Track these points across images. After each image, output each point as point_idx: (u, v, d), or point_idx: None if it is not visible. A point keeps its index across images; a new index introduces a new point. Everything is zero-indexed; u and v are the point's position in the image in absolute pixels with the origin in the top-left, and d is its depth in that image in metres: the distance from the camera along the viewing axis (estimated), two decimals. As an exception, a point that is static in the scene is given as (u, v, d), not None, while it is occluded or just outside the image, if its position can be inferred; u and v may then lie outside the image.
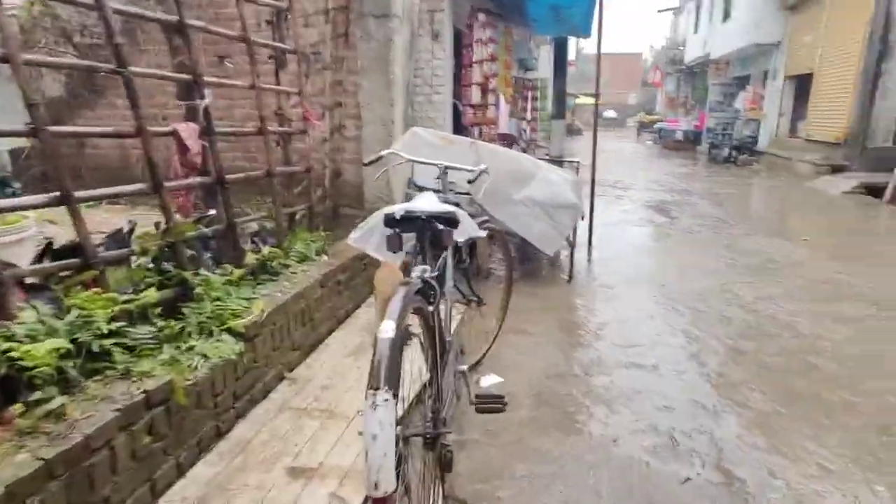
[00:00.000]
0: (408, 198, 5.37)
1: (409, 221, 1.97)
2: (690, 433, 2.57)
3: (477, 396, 2.45)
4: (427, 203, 2.07)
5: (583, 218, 5.30)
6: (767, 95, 16.75)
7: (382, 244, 2.01)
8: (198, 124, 2.93)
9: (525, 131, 14.04)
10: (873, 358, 3.37)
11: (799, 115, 15.30)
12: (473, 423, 2.63)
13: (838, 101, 12.48)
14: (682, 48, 27.20)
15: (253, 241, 3.53)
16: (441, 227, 1.98)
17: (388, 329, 1.47)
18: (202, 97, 2.97)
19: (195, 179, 2.97)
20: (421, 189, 5.68)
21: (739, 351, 3.46)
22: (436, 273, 1.99)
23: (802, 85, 14.92)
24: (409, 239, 2.09)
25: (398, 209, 1.94)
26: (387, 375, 1.38)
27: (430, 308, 1.91)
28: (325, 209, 4.71)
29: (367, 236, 1.99)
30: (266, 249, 3.40)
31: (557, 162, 9.99)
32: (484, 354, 3.35)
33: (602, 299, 4.48)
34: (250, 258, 3.20)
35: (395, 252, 1.99)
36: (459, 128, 7.11)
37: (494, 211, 4.72)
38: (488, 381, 3.12)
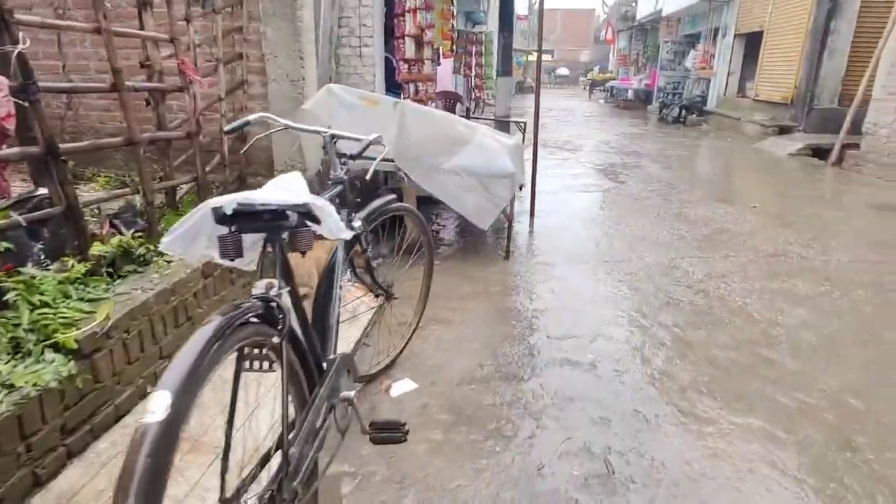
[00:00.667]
0: (323, 165, 4.75)
1: (248, 218, 1.40)
2: (629, 455, 2.17)
3: (371, 424, 1.96)
4: (278, 191, 1.51)
5: (521, 188, 4.81)
6: (717, 54, 16.51)
7: (213, 248, 1.44)
8: (7, 78, 2.22)
9: (474, 90, 13.42)
10: (828, 346, 3.07)
11: (748, 74, 15.13)
12: (373, 453, 2.15)
13: (787, 61, 12.30)
14: (634, 4, 26.64)
15: (112, 225, 2.87)
16: (295, 222, 1.43)
17: (156, 408, 0.93)
18: (15, 42, 2.26)
19: (9, 151, 2.28)
20: (342, 157, 5.04)
21: (687, 343, 3.09)
22: (286, 288, 1.45)
23: (752, 43, 14.69)
24: (257, 240, 1.53)
25: (228, 201, 1.36)
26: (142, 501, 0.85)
27: (277, 338, 1.38)
28: (225, 179, 4.04)
29: (186, 239, 1.41)
30: (128, 234, 2.76)
31: (504, 122, 9.47)
32: (399, 354, 2.87)
33: (541, 279, 4.04)
34: (101, 247, 2.56)
35: (231, 259, 1.43)
36: (393, 85, 6.43)
37: (422, 181, 4.16)
38: (401, 388, 2.64)
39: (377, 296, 2.65)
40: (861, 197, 6.96)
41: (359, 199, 2.39)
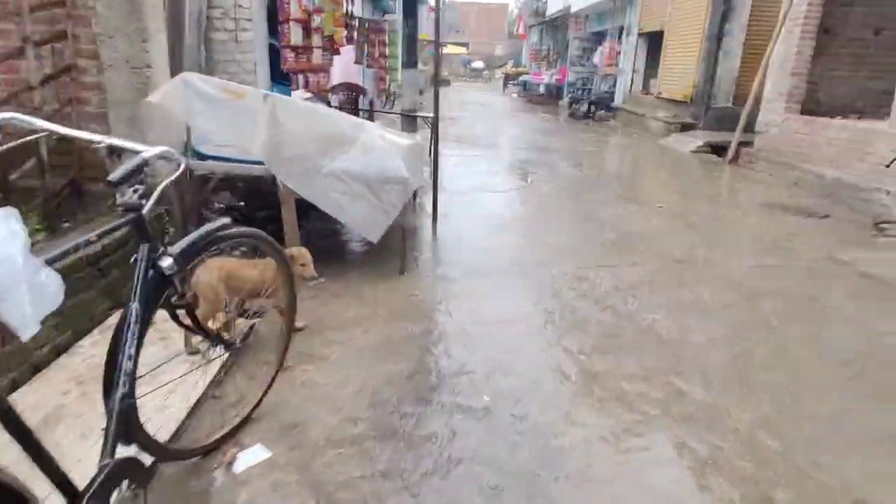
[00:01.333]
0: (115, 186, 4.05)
1: None
2: (525, 542, 1.76)
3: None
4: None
5: (415, 196, 4.34)
6: (623, 52, 16.90)
7: None
8: None
9: (386, 82, 12.80)
10: (740, 371, 2.84)
11: (652, 72, 15.57)
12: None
13: (686, 60, 12.68)
14: (544, 1, 27.00)
15: None
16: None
17: None
18: None
19: None
20: (202, 157, 4.37)
21: (594, 375, 2.75)
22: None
23: (654, 42, 15.12)
24: None
25: None
26: None
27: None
28: (51, 187, 3.26)
29: None
30: None
31: (410, 117, 8.98)
32: (252, 410, 2.30)
33: (438, 299, 3.60)
34: None
35: None
36: (280, 75, 5.75)
37: (298, 187, 3.59)
38: (249, 459, 2.09)
39: (213, 346, 2.08)
40: (754, 195, 7.12)
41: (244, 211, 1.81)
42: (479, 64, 44.07)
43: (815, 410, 2.50)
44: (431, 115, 7.20)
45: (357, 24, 8.21)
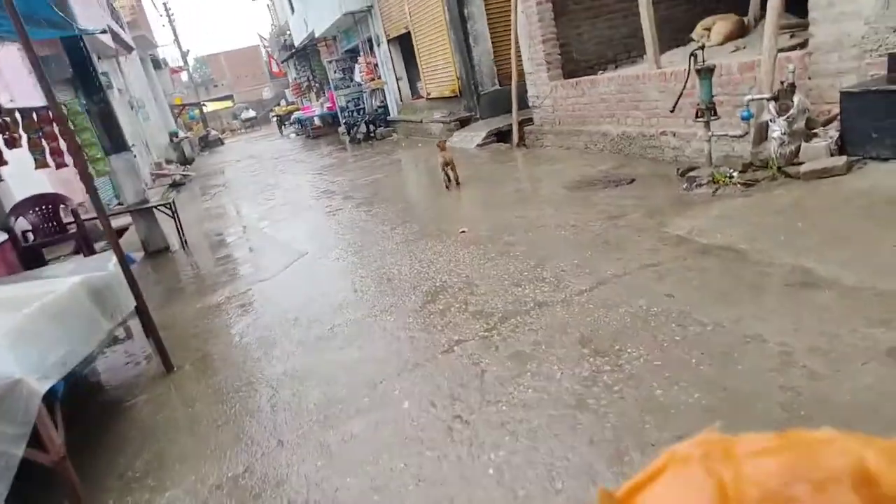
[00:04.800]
0: None
1: None
2: None
3: None
4: None
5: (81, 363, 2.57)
6: (379, 62, 16.13)
7: None
8: None
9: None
10: None
11: (415, 76, 14.97)
12: None
13: (441, 56, 12.13)
14: (288, 33, 25.58)
15: None
16: None
17: None
18: None
19: None
20: None
21: None
22: None
23: (406, 46, 14.50)
24: None
25: None
26: None
27: None
28: None
29: None
30: None
31: (140, 210, 6.92)
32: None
33: None
34: None
35: None
36: None
37: None
38: None
39: None
40: (555, 176, 6.41)
41: None
42: (249, 113, 41.31)
43: None
44: (169, 200, 5.31)
45: (9, 121, 5.95)
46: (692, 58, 4.76)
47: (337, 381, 2.87)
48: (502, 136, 9.85)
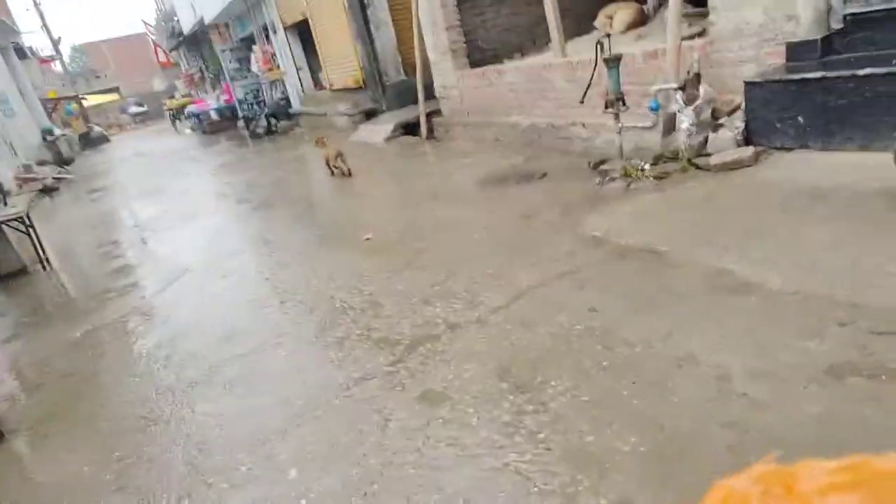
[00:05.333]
0: None
1: None
2: None
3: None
4: None
5: None
6: (277, 51, 15.12)
7: None
8: None
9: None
10: None
11: (317, 66, 14.14)
12: None
13: (342, 44, 11.44)
14: (176, 19, 23.56)
15: None
16: None
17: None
18: None
19: None
20: None
21: None
22: None
23: (305, 33, 13.63)
24: None
25: None
26: None
27: None
28: None
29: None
30: None
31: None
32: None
33: None
34: None
35: None
36: None
37: None
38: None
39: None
40: (466, 171, 6.08)
41: None
42: (139, 108, 38.02)
43: None
44: (18, 213, 4.54)
45: None
46: (599, 47, 4.55)
47: (209, 445, 2.33)
48: (411, 128, 9.41)
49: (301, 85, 14.90)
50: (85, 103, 30.59)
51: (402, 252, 4.05)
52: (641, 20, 6.90)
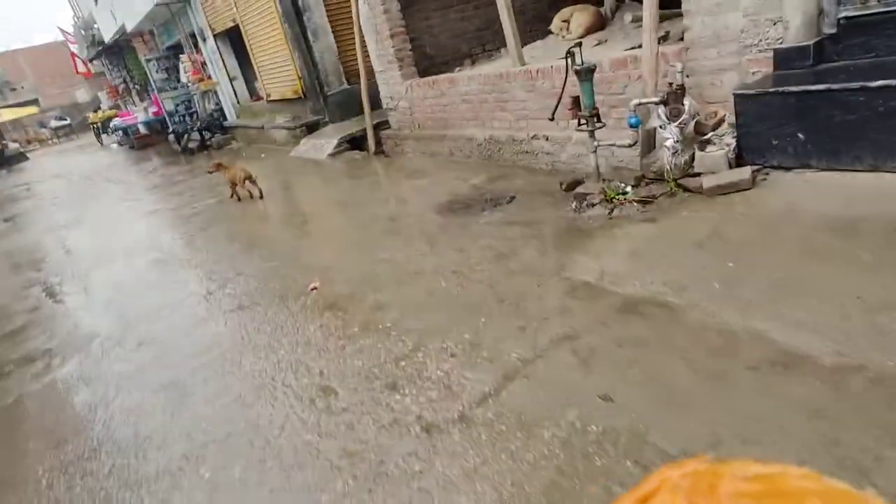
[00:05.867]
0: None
1: None
2: None
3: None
4: None
5: None
6: (208, 60, 14.03)
7: None
8: None
9: None
10: None
11: (251, 75, 13.16)
12: None
13: (277, 52, 10.59)
14: (96, 25, 21.82)
15: None
16: None
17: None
18: None
19: None
20: None
21: None
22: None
23: (237, 41, 12.64)
24: None
25: None
26: None
27: None
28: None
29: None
30: None
31: None
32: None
33: None
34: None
35: None
36: None
37: None
38: None
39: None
40: (421, 194, 5.47)
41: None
42: (61, 121, 35.38)
43: None
44: None
45: None
46: (569, 56, 4.01)
47: None
48: (357, 142, 8.70)
49: (236, 96, 13.88)
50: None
51: (358, 308, 3.38)
52: (600, 24, 6.46)
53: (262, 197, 6.78)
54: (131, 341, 3.70)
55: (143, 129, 18.78)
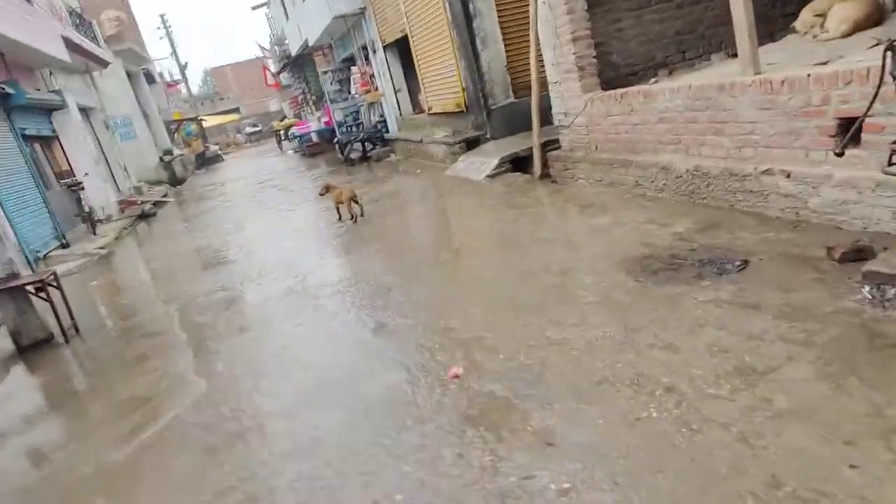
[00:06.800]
0: None
1: None
2: None
3: None
4: None
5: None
6: (376, 72, 14.02)
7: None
8: None
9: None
10: None
11: (416, 87, 12.84)
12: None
13: (443, 62, 9.97)
14: (287, 42, 23.66)
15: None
16: None
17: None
18: None
19: None
20: None
21: None
22: None
23: (404, 51, 12.38)
24: None
25: None
26: None
27: None
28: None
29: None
30: None
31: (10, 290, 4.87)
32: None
33: None
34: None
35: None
36: None
37: None
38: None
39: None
40: (598, 241, 4.21)
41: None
42: (253, 128, 39.59)
43: None
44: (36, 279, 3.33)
45: None
46: (889, 53, 2.50)
47: None
48: (520, 163, 7.64)
49: (399, 107, 13.67)
50: (204, 124, 32.00)
51: (515, 433, 2.24)
52: (876, 18, 4.63)
53: (362, 215, 6.85)
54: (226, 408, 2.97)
55: (314, 138, 19.73)
